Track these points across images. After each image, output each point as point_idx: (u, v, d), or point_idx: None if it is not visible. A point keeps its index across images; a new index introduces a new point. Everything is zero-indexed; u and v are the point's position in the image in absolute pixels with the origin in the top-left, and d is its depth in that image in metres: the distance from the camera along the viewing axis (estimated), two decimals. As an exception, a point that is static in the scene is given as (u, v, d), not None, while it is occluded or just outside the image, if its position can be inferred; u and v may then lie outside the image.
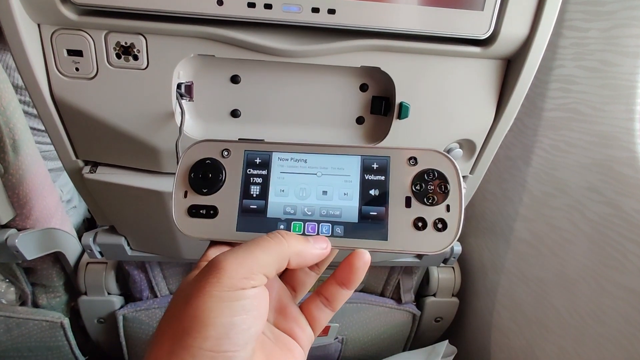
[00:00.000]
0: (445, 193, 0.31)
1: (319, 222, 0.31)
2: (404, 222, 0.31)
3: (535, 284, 0.62)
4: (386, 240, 0.30)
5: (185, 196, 0.32)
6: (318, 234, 0.31)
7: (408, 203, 0.31)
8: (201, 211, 0.32)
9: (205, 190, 0.32)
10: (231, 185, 0.32)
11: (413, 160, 0.31)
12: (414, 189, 0.31)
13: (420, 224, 0.30)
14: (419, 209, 0.31)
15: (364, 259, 0.29)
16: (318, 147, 0.32)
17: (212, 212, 0.32)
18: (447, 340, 0.77)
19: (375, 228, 0.31)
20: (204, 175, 0.32)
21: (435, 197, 0.31)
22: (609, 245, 0.49)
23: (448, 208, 0.31)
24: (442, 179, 0.31)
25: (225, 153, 0.32)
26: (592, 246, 0.52)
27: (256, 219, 0.31)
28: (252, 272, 0.25)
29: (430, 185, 0.31)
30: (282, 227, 0.31)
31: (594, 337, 0.51)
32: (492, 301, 0.73)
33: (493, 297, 0.73)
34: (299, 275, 0.33)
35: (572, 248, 0.55)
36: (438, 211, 0.31)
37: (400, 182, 0.31)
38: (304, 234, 0.31)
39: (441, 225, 0.30)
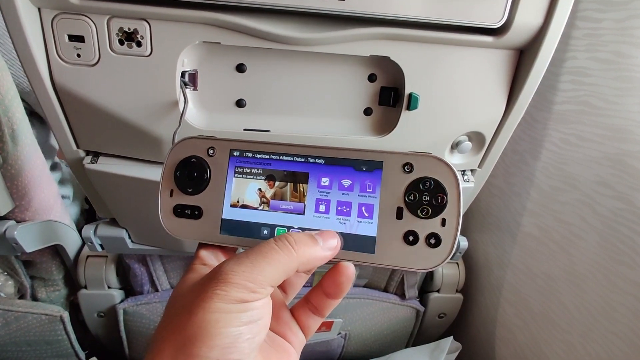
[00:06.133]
0: (441, 205, 0.28)
1: (303, 229, 0.30)
2: (393, 235, 0.28)
3: (542, 280, 0.61)
4: (373, 253, 0.28)
5: (171, 195, 0.31)
6: None
7: (399, 214, 0.28)
8: (186, 211, 0.31)
9: (190, 190, 0.31)
10: (216, 185, 0.31)
11: (408, 167, 0.29)
12: (406, 199, 0.28)
13: (411, 238, 0.28)
14: (410, 222, 0.28)
15: (347, 273, 0.28)
16: (309, 149, 0.30)
17: (196, 212, 0.30)
18: (451, 337, 0.77)
19: (362, 240, 0.29)
20: (189, 174, 0.31)
21: (430, 209, 0.28)
22: (620, 241, 0.48)
23: (443, 222, 0.28)
24: (439, 189, 0.28)
25: (211, 151, 0.31)
26: (602, 241, 0.51)
27: (240, 223, 0.30)
28: (260, 287, 0.24)
29: (425, 196, 0.28)
30: (265, 232, 0.30)
31: (603, 333, 0.50)
32: (497, 297, 0.72)
33: (498, 293, 0.72)
34: (289, 277, 0.32)
35: (582, 243, 0.54)
36: (432, 225, 0.28)
37: (392, 190, 0.29)
38: None
39: (434, 240, 0.28)
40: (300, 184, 0.30)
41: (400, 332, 0.82)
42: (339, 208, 0.29)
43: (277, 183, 0.30)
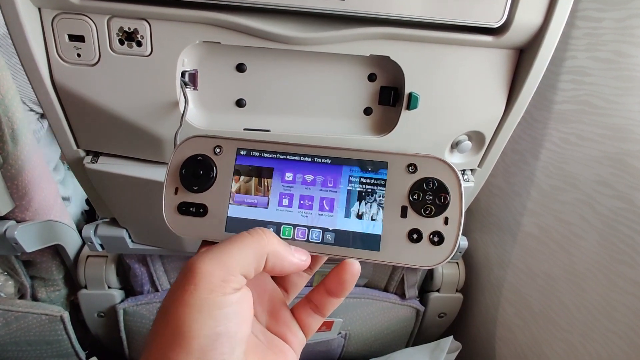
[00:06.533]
0: (444, 204, 0.29)
1: (309, 227, 0.30)
2: (397, 232, 0.29)
3: (542, 279, 0.61)
4: (378, 250, 0.29)
5: (176, 193, 0.31)
6: (308, 239, 0.30)
7: (404, 213, 0.29)
8: (191, 209, 0.31)
9: (195, 188, 0.31)
10: (222, 184, 0.31)
11: (412, 168, 0.30)
12: (411, 198, 0.29)
13: (415, 236, 0.29)
14: (414, 220, 0.29)
15: (353, 270, 0.28)
16: (315, 149, 0.31)
17: (201, 210, 0.31)
18: (451, 336, 0.77)
19: (367, 237, 0.29)
20: (195, 172, 0.31)
21: (433, 209, 0.29)
22: (620, 240, 0.48)
23: (446, 221, 0.29)
24: (442, 189, 0.29)
25: (218, 150, 0.31)
26: (602, 241, 0.51)
27: (246, 221, 0.30)
28: (230, 274, 0.24)
29: (428, 195, 0.29)
30: (271, 230, 0.30)
31: (603, 333, 0.50)
32: (497, 297, 0.72)
33: (498, 293, 0.72)
34: (290, 276, 0.32)
35: (582, 243, 0.54)
36: (435, 223, 0.29)
37: (397, 190, 0.29)
38: (293, 239, 0.30)
39: (437, 238, 0.29)
40: None
41: (400, 331, 0.82)
42: (345, 206, 0.30)
43: None
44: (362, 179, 0.30)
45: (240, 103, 0.48)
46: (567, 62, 0.54)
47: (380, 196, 0.30)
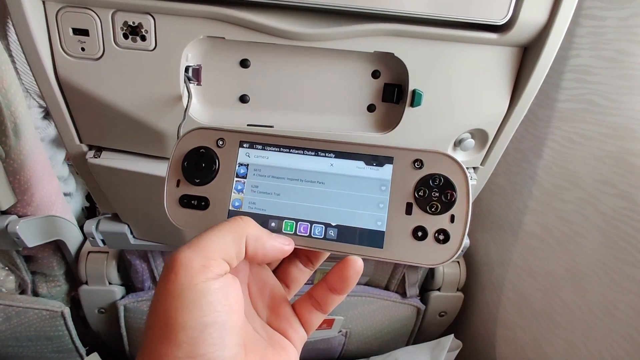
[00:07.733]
0: (450, 202, 0.28)
1: (311, 222, 0.30)
2: (402, 230, 0.28)
3: (543, 278, 0.61)
4: (381, 248, 0.29)
5: (178, 185, 0.31)
6: (310, 235, 0.29)
7: (409, 210, 0.29)
8: (192, 202, 0.30)
9: (197, 181, 0.30)
10: (224, 177, 0.31)
11: (419, 163, 0.29)
12: (416, 194, 0.29)
13: (419, 234, 0.28)
14: (420, 217, 0.29)
15: (356, 267, 0.28)
16: (319, 143, 0.30)
17: (203, 203, 0.30)
18: (452, 335, 0.77)
19: (371, 234, 0.29)
20: (198, 164, 0.30)
21: (439, 206, 0.28)
22: (622, 239, 0.48)
23: (452, 218, 0.28)
24: (449, 185, 0.28)
25: (220, 142, 0.31)
26: (604, 240, 0.51)
27: (247, 214, 0.30)
28: (209, 258, 0.24)
29: (434, 192, 0.28)
30: (273, 224, 0.30)
31: (605, 332, 0.50)
32: (498, 296, 0.72)
33: (499, 292, 0.72)
34: (292, 271, 0.32)
35: (584, 242, 0.54)
36: (441, 221, 0.28)
37: (402, 186, 0.29)
38: (295, 233, 0.30)
39: (443, 236, 0.28)
40: None
41: (401, 330, 0.82)
42: (349, 202, 0.30)
43: None
44: (366, 174, 0.30)
45: (243, 99, 0.48)
46: (570, 60, 0.54)
47: (385, 192, 0.29)
